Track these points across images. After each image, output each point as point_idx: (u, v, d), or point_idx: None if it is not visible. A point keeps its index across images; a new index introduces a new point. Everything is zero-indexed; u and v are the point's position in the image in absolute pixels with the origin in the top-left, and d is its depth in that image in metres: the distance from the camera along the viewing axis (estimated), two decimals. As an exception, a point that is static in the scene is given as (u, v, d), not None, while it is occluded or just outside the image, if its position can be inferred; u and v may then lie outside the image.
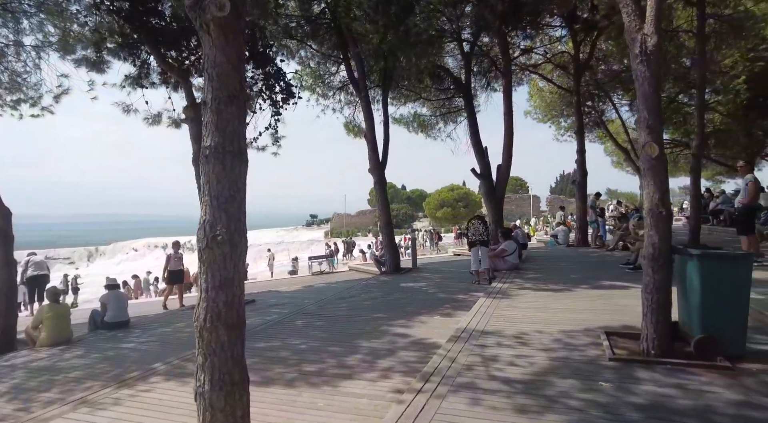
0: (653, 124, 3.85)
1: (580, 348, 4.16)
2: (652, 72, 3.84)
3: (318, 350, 4.99)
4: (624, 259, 9.70)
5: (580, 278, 8.07)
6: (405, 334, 5.46)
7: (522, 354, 4.07)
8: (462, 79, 13.33)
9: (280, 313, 7.30)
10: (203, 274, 2.43)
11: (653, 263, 3.82)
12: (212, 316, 2.40)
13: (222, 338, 2.41)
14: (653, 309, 3.81)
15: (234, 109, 2.54)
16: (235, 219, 2.49)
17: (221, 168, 2.48)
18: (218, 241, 2.42)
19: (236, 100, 2.55)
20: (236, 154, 2.52)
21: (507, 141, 11.80)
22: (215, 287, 2.40)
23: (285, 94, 10.73)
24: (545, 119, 20.74)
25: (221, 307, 2.40)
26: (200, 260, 2.45)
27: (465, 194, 53.22)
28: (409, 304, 7.30)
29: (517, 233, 11.71)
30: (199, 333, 2.42)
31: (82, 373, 4.99)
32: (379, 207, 11.95)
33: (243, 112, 2.61)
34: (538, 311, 5.71)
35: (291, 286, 10.93)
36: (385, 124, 11.55)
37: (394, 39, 9.64)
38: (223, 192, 2.48)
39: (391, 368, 4.26)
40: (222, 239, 2.42)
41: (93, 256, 52.36)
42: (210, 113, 2.51)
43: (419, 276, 10.56)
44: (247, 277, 23.46)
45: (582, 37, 14.69)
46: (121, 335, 6.88)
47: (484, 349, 4.26)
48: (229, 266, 2.45)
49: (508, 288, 7.39)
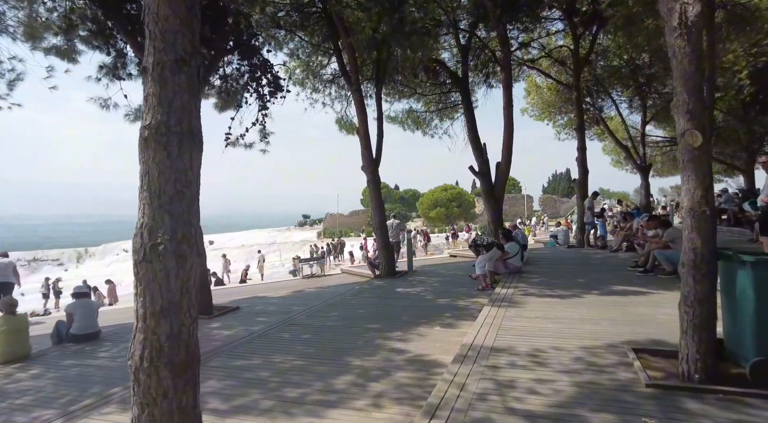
0: (694, 109, 3.29)
1: (608, 369, 3.59)
2: (693, 47, 3.28)
3: (303, 370, 4.37)
4: (631, 261, 9.19)
5: (588, 282, 7.53)
6: (401, 350, 4.86)
7: (542, 377, 3.48)
8: (459, 73, 12.77)
9: (265, 323, 6.67)
10: (139, 296, 1.81)
11: (695, 271, 3.26)
12: (151, 353, 1.78)
13: (165, 383, 1.78)
14: (695, 325, 3.25)
15: (183, 77, 1.92)
16: (184, 222, 1.87)
17: (165, 155, 1.86)
18: (159, 251, 1.80)
19: (186, 65, 1.93)
20: (185, 137, 1.90)
21: (507, 137, 11.24)
22: (155, 314, 1.79)
23: (272, 87, 10.09)
24: (542, 117, 20.23)
25: (163, 341, 1.78)
26: (136, 277, 1.83)
27: (458, 194, 52.86)
28: (406, 312, 6.71)
29: (517, 233, 11.16)
30: (133, 375, 1.80)
31: (32, 399, 4.33)
32: (372, 206, 11.33)
33: (195, 82, 2.00)
34: (551, 322, 5.14)
35: (279, 291, 10.28)
36: (378, 119, 10.95)
37: (387, 28, 9.03)
38: (167, 187, 1.86)
39: (386, 394, 3.65)
40: (164, 250, 1.80)
41: (83, 258, 51.24)
42: (151, 82, 1.89)
43: (415, 280, 9.96)
44: (246, 279, 22.69)
45: (581, 31, 14.20)
46: (89, 349, 6.20)
47: (496, 371, 3.67)
48: (175, 286, 1.83)
49: (513, 294, 6.81)
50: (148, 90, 1.89)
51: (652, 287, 6.85)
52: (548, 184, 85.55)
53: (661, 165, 24.71)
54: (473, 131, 11.93)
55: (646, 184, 17.33)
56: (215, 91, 10.26)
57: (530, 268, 9.60)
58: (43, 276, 25.91)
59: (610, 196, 55.85)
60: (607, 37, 15.33)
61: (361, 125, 10.56)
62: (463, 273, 9.90)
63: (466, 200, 53.05)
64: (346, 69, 10.73)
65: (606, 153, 24.26)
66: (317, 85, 12.65)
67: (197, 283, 1.94)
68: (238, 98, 10.23)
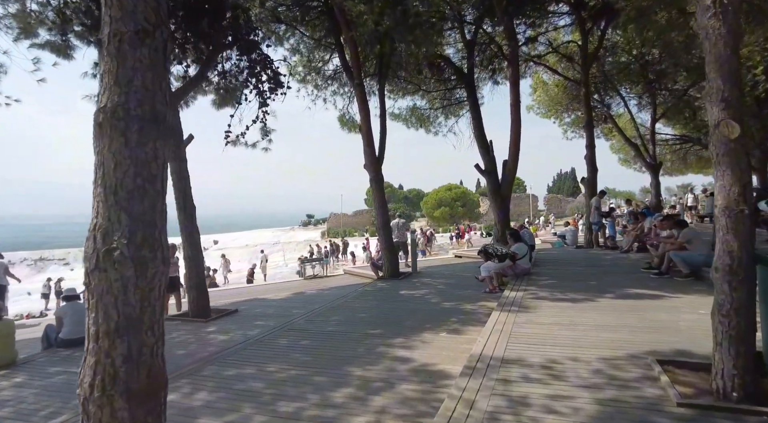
0: (730, 96, 2.96)
1: (632, 384, 3.27)
2: (730, 28, 2.95)
3: (299, 381, 4.08)
4: (644, 263, 8.85)
5: (601, 285, 7.19)
6: (405, 358, 4.56)
7: (559, 393, 3.17)
8: (464, 69, 12.43)
9: (263, 328, 6.39)
10: (91, 311, 1.52)
11: (731, 277, 2.93)
12: (104, 380, 1.49)
13: (120, 415, 1.49)
14: (732, 336, 2.92)
15: (146, 52, 1.62)
16: (145, 223, 1.57)
17: (122, 142, 1.56)
18: (114, 258, 1.51)
19: (149, 38, 1.63)
20: (148, 122, 1.60)
21: (514, 134, 10.88)
22: (109, 333, 1.49)
23: (273, 83, 9.79)
24: (548, 114, 19.82)
25: (119, 365, 1.48)
26: (87, 289, 1.54)
27: (463, 194, 52.46)
28: (410, 317, 6.40)
29: (524, 233, 10.81)
30: (82, 407, 1.51)
31: (11, 411, 4.06)
32: (375, 206, 11.03)
33: (161, 58, 1.70)
34: (565, 329, 4.81)
35: (280, 293, 9.99)
36: (381, 116, 10.64)
37: (390, 21, 8.72)
38: (125, 181, 1.56)
39: (388, 410, 3.35)
40: (120, 256, 1.51)
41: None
42: (107, 57, 1.59)
43: (420, 282, 9.65)
44: (252, 279, 22.27)
45: (590, 26, 13.82)
46: (78, 355, 5.90)
47: (508, 385, 3.35)
48: (134, 298, 1.53)
49: (522, 298, 6.48)
50: (105, 67, 1.60)
51: (669, 290, 6.51)
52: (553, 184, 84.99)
53: (670, 164, 24.24)
54: (479, 128, 11.60)
55: (656, 182, 16.93)
56: (213, 87, 10.00)
57: (539, 269, 9.26)
58: (44, 276, 25.81)
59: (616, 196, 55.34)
60: (615, 33, 14.95)
61: (364, 122, 10.25)
62: (469, 274, 9.58)
63: (470, 200, 52.64)
64: (348, 64, 10.43)
65: (614, 152, 23.83)
66: (319, 81, 12.35)
67: (163, 295, 1.65)
68: (237, 95, 9.95)
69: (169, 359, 5.24)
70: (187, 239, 7.66)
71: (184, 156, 7.86)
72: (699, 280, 7.12)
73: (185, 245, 7.71)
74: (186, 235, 7.66)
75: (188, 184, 7.79)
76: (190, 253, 7.67)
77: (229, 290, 14.28)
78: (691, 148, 21.41)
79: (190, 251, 7.67)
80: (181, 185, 7.70)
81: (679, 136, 20.83)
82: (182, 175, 7.74)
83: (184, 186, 7.73)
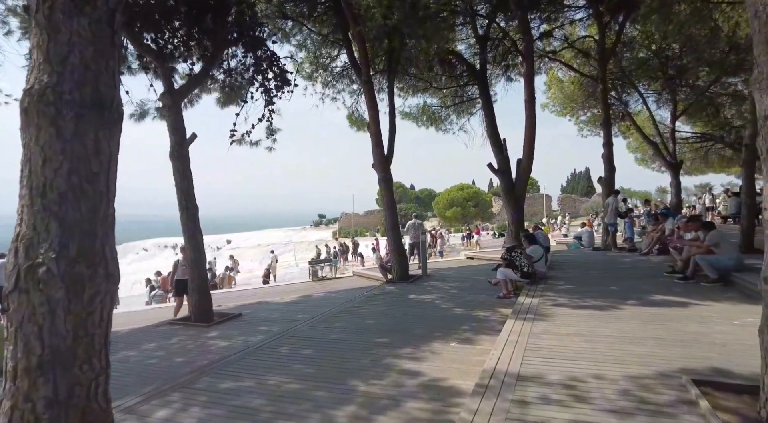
0: (783, 83, 2.58)
1: (665, 409, 2.90)
2: (783, 4, 2.57)
3: (299, 396, 3.78)
4: (666, 266, 8.38)
5: (622, 291, 6.77)
6: (414, 372, 4.24)
7: (582, 419, 2.81)
8: (476, 65, 12.04)
9: (266, 334, 6.13)
10: (10, 342, 1.23)
11: (784, 290, 2.56)
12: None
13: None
14: (785, 359, 2.55)
15: (85, 23, 1.34)
16: (82, 233, 1.27)
17: (53, 133, 1.28)
18: (39, 276, 1.22)
19: (89, 5, 1.34)
20: (88, 109, 1.31)
21: (528, 132, 10.46)
22: (29, 371, 1.20)
23: (279, 81, 9.54)
24: (564, 112, 19.29)
25: (41, 410, 1.20)
26: (5, 316, 1.25)
27: (475, 194, 51.82)
28: (419, 324, 6.07)
29: (538, 234, 10.40)
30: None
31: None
32: (384, 207, 10.71)
33: (107, 32, 1.41)
34: (586, 341, 4.43)
35: (287, 295, 9.73)
36: (390, 113, 10.32)
37: (399, 14, 8.39)
38: (57, 180, 1.28)
39: (395, 433, 3.04)
40: (47, 273, 1.22)
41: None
42: (36, 29, 1.29)
43: (430, 285, 9.31)
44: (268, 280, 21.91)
45: (608, 20, 13.31)
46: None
47: (525, 408, 3.01)
48: (64, 327, 1.25)
49: (539, 305, 6.10)
50: (33, 40, 1.31)
51: (697, 298, 6.07)
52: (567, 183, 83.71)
53: (690, 163, 23.45)
54: (492, 126, 11.19)
55: (676, 182, 16.31)
56: (219, 85, 9.78)
57: (555, 273, 8.85)
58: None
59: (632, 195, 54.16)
60: (634, 27, 14.40)
61: (372, 120, 9.95)
62: (482, 278, 9.22)
63: (483, 200, 51.97)
64: (356, 61, 10.14)
65: (630, 150, 23.14)
66: (327, 78, 12.07)
67: (109, 320, 1.36)
68: (242, 93, 9.73)
69: (165, 368, 5.02)
70: (189, 241, 7.44)
71: (187, 155, 7.65)
72: (728, 286, 6.67)
73: (187, 247, 7.49)
74: (188, 237, 7.44)
75: (191, 184, 7.58)
76: (192, 255, 7.45)
77: (237, 292, 14.09)
78: (713, 147, 20.65)
79: (192, 253, 7.45)
80: (183, 185, 7.49)
81: (699, 134, 20.10)
82: (185, 174, 7.52)
83: (187, 186, 7.52)
